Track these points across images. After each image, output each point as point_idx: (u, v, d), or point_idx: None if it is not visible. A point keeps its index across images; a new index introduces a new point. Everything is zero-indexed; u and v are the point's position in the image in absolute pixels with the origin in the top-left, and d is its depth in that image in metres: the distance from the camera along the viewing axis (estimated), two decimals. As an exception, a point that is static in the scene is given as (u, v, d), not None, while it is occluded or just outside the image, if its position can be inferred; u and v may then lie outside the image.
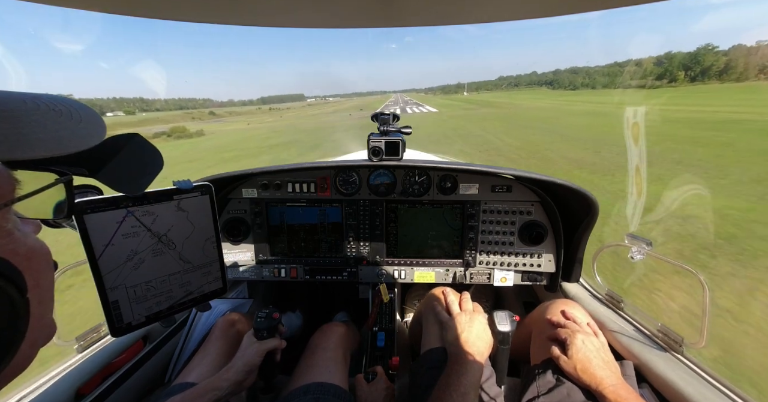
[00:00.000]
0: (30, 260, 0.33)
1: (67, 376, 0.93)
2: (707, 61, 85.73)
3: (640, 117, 1.99)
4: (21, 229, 0.34)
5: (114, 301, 0.71)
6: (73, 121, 0.34)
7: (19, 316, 0.30)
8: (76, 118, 0.35)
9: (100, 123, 0.38)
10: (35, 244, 0.35)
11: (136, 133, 0.46)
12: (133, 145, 0.45)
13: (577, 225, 1.28)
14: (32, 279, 0.32)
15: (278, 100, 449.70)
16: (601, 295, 1.29)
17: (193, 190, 0.77)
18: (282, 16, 0.66)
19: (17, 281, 0.29)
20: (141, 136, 0.47)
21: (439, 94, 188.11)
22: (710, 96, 30.02)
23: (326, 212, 1.46)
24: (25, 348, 0.32)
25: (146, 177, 0.48)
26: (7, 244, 0.31)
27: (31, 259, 0.33)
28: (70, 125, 0.34)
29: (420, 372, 1.02)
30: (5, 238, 0.31)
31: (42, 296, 0.35)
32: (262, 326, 1.00)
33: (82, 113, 0.36)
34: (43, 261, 0.36)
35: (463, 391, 0.83)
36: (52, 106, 0.33)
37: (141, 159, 0.46)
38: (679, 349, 0.94)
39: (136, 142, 0.46)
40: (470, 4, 0.63)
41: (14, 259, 0.30)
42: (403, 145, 1.28)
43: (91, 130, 0.36)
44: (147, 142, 0.48)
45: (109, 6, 0.65)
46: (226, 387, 0.87)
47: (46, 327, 0.36)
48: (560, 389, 0.90)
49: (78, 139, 0.34)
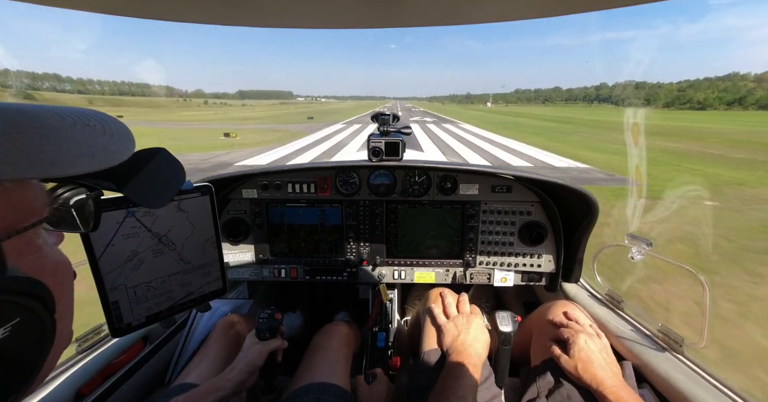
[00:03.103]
0: (55, 276, 0.34)
1: (67, 376, 0.93)
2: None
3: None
4: (48, 242, 0.35)
5: (114, 301, 0.71)
6: (105, 136, 0.35)
7: (47, 336, 0.31)
8: (108, 134, 0.35)
9: (129, 137, 0.38)
10: (60, 258, 0.36)
11: (162, 148, 0.47)
12: (160, 159, 0.46)
13: (577, 225, 1.28)
14: (57, 294, 0.32)
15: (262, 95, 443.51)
16: (601, 296, 1.29)
17: (193, 191, 0.77)
18: (281, 17, 0.66)
19: (47, 302, 0.30)
20: (167, 151, 0.47)
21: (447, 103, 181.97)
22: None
23: (326, 213, 1.46)
24: (48, 362, 0.33)
25: (170, 191, 0.48)
26: (37, 259, 0.32)
27: (56, 274, 0.34)
28: (103, 141, 0.34)
29: (417, 374, 1.02)
30: (35, 253, 0.32)
31: (64, 312, 0.35)
32: (264, 327, 1.00)
33: (114, 128, 0.36)
34: (67, 274, 0.37)
35: (461, 395, 0.82)
36: (86, 120, 0.34)
37: (166, 173, 0.47)
38: (680, 349, 0.94)
39: (162, 156, 0.46)
40: (470, 4, 0.63)
41: (43, 276, 0.30)
42: (403, 146, 1.28)
43: (122, 144, 0.37)
44: (172, 156, 0.49)
45: (108, 6, 0.65)
46: (229, 387, 0.88)
47: (66, 339, 0.37)
48: (560, 390, 0.90)
49: (110, 154, 0.34)
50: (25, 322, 0.28)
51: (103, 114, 0.37)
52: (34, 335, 0.29)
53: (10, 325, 0.27)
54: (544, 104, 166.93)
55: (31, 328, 0.29)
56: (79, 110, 0.35)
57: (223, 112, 60.95)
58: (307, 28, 0.73)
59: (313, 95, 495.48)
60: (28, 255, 0.31)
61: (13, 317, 0.27)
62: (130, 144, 0.38)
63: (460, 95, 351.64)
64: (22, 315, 0.27)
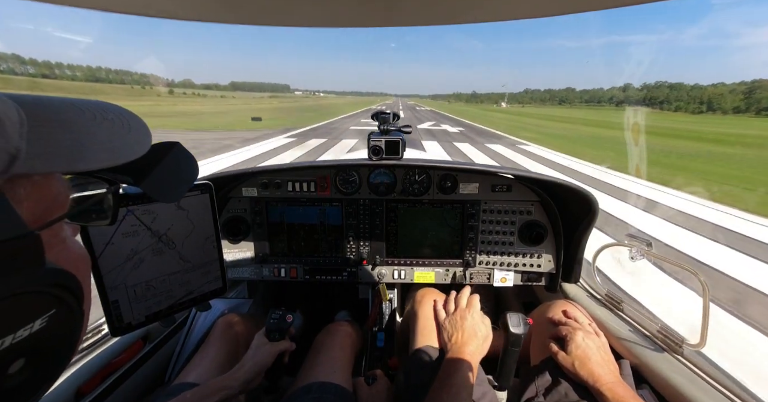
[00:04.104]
0: (78, 268, 0.35)
1: (67, 375, 0.93)
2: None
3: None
4: (70, 236, 0.36)
5: (114, 300, 0.71)
6: (124, 130, 0.35)
7: (78, 327, 0.32)
8: (126, 127, 0.36)
9: (146, 131, 0.39)
10: (80, 250, 0.37)
11: (177, 142, 0.47)
12: (175, 153, 0.46)
13: (577, 225, 1.28)
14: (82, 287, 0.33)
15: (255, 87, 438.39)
16: (601, 296, 1.28)
17: (193, 189, 0.77)
18: (281, 16, 0.66)
19: (77, 293, 0.31)
20: (181, 145, 0.48)
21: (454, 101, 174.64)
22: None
23: (326, 212, 1.46)
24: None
25: (184, 185, 0.49)
26: (63, 252, 0.33)
27: (79, 267, 0.35)
28: (122, 134, 0.35)
29: (409, 372, 1.02)
30: (60, 245, 0.33)
31: (87, 304, 0.36)
32: (275, 327, 0.99)
33: (131, 122, 0.37)
34: (87, 267, 0.38)
35: (455, 393, 0.83)
36: (105, 114, 0.34)
37: (180, 167, 0.47)
38: (679, 349, 0.94)
39: (177, 150, 0.47)
40: (471, 3, 0.63)
41: (71, 269, 0.31)
42: (403, 145, 1.28)
43: (140, 138, 0.37)
44: (186, 151, 0.49)
45: (109, 5, 0.65)
46: (236, 386, 0.88)
47: (85, 331, 0.38)
48: (558, 388, 0.90)
49: (129, 149, 0.35)
50: (60, 313, 0.29)
51: (119, 107, 0.38)
52: (67, 326, 0.30)
53: (47, 316, 0.28)
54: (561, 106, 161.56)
55: (65, 319, 0.30)
56: (94, 103, 0.35)
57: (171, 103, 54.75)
58: (307, 27, 0.73)
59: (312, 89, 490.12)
60: (54, 247, 0.32)
61: (51, 308, 0.28)
62: (148, 138, 0.39)
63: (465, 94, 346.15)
64: (57, 306, 0.29)
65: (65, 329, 0.30)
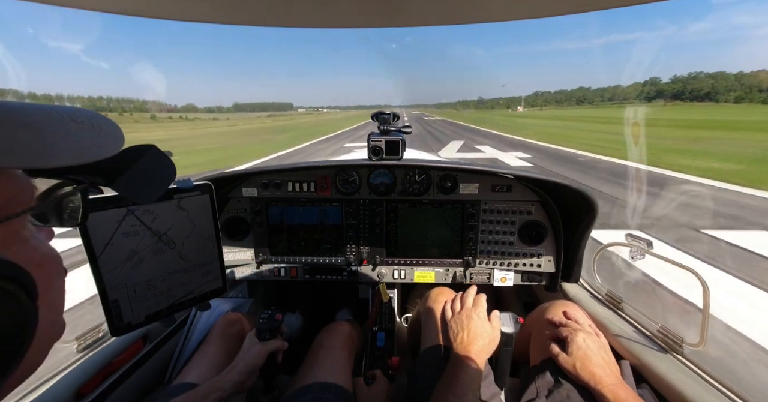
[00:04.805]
0: (42, 268, 0.34)
1: (67, 375, 0.93)
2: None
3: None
4: (36, 236, 0.35)
5: (114, 300, 0.71)
6: (94, 131, 0.35)
7: (28, 323, 0.31)
8: (96, 129, 0.36)
9: (118, 134, 0.39)
10: (48, 251, 0.36)
11: (152, 145, 0.48)
12: (150, 155, 0.46)
13: (577, 225, 1.28)
14: (43, 286, 0.32)
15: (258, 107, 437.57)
16: (601, 296, 1.28)
17: (193, 189, 0.77)
18: (281, 16, 0.66)
19: (29, 288, 0.30)
20: (157, 147, 0.48)
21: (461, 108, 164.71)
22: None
23: (326, 212, 1.46)
24: (34, 353, 0.33)
25: (159, 186, 0.49)
26: (22, 251, 0.32)
27: (43, 267, 0.34)
28: (90, 135, 0.35)
29: (418, 372, 1.02)
30: (21, 245, 0.33)
31: (52, 302, 0.35)
32: (265, 327, 1.00)
33: (103, 125, 0.37)
34: (55, 268, 0.37)
35: (460, 393, 0.82)
36: (74, 117, 0.34)
37: (156, 169, 0.47)
38: (679, 349, 0.94)
39: (152, 153, 0.47)
40: (471, 3, 0.63)
41: (28, 266, 0.30)
42: (403, 145, 1.28)
43: (110, 140, 0.37)
44: (162, 153, 0.49)
45: (109, 6, 0.65)
46: (229, 387, 0.88)
47: (56, 332, 0.37)
48: (560, 390, 0.90)
49: (97, 149, 0.35)
50: (3, 304, 0.28)
51: (96, 113, 0.38)
52: (12, 320, 0.29)
53: None
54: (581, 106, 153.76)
55: (9, 312, 0.29)
56: (71, 109, 0.36)
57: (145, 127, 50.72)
58: (307, 27, 0.73)
59: (315, 106, 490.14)
60: (13, 245, 0.32)
61: None
62: (119, 141, 0.39)
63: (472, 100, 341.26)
64: (1, 298, 0.28)
65: (9, 323, 0.29)
